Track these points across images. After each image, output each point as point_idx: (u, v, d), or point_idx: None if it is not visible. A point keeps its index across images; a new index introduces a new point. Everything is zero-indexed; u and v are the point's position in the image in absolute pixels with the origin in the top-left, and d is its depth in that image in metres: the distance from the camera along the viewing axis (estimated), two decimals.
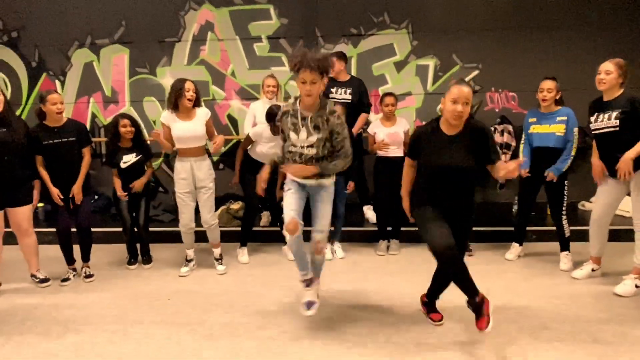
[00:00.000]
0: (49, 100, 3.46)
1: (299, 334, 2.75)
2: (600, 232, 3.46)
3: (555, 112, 3.71)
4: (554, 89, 3.67)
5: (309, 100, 2.57)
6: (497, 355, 2.46)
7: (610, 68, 3.15)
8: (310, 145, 2.66)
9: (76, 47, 5.72)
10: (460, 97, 2.40)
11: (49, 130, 3.53)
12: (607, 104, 3.20)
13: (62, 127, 3.57)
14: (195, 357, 2.51)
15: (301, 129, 2.64)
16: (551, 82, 3.69)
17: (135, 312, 3.10)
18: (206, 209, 3.78)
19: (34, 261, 3.64)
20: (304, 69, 2.47)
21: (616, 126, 3.14)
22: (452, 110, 2.43)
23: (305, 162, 2.68)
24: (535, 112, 3.81)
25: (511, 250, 4.03)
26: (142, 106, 5.77)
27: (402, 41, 5.54)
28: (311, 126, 2.62)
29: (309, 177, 2.72)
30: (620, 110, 3.12)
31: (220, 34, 5.64)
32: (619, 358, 2.41)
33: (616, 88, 3.18)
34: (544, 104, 3.71)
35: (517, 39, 5.43)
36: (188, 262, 3.90)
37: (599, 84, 3.21)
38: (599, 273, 3.54)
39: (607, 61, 3.19)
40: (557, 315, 2.90)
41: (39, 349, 2.63)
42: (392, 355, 2.49)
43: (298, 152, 2.69)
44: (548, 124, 3.70)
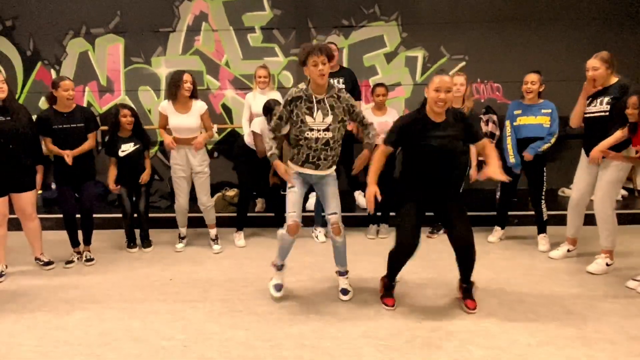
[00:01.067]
0: (61, 87, 3.59)
1: (296, 309, 2.94)
2: (576, 214, 3.70)
3: (539, 104, 3.92)
4: (538, 81, 3.87)
5: (322, 80, 2.73)
6: (477, 326, 2.68)
7: (596, 64, 3.35)
8: (326, 128, 2.80)
9: (71, 37, 5.78)
10: (442, 85, 2.61)
11: (59, 115, 3.66)
12: (602, 91, 3.40)
13: (72, 112, 3.71)
14: (199, 330, 2.69)
15: (316, 112, 2.79)
16: (535, 75, 3.89)
17: (139, 291, 3.26)
18: (203, 191, 4.04)
19: (37, 245, 3.78)
20: (314, 54, 2.67)
21: (606, 111, 3.34)
22: (435, 97, 2.64)
23: (322, 146, 2.82)
24: (520, 104, 4.00)
25: (493, 233, 4.27)
26: (137, 95, 5.87)
27: (392, 33, 5.71)
28: (328, 106, 2.80)
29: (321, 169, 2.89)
30: (611, 97, 3.33)
31: (215, 24, 5.74)
32: (588, 327, 2.64)
33: (608, 77, 3.37)
34: (528, 95, 3.91)
35: (502, 32, 5.63)
36: (182, 239, 4.22)
37: (590, 82, 3.39)
38: (574, 253, 3.79)
39: (592, 58, 3.38)
40: (534, 291, 3.14)
41: (50, 325, 2.79)
42: (380, 325, 2.69)
43: (314, 138, 2.80)
44: (534, 116, 3.91)
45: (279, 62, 5.72)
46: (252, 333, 2.64)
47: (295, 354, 2.42)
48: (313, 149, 2.84)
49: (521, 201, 5.01)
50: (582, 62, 3.49)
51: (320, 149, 2.84)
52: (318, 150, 2.84)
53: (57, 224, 4.58)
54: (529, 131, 3.91)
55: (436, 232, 4.40)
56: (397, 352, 2.42)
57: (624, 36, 5.53)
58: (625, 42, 5.52)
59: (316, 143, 2.82)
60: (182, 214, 4.13)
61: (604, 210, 3.38)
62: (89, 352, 2.48)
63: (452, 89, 2.67)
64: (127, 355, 2.44)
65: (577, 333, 2.58)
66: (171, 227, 4.74)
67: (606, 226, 3.40)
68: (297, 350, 2.46)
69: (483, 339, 2.53)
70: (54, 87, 3.63)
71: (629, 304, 2.91)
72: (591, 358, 2.34)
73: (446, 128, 2.71)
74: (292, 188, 2.93)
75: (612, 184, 3.35)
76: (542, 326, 2.66)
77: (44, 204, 5.33)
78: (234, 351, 2.46)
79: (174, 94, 3.79)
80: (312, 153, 2.85)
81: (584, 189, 3.59)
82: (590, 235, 4.05)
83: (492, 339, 2.53)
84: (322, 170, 2.91)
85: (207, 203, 4.10)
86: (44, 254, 3.80)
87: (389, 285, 3.01)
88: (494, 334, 2.58)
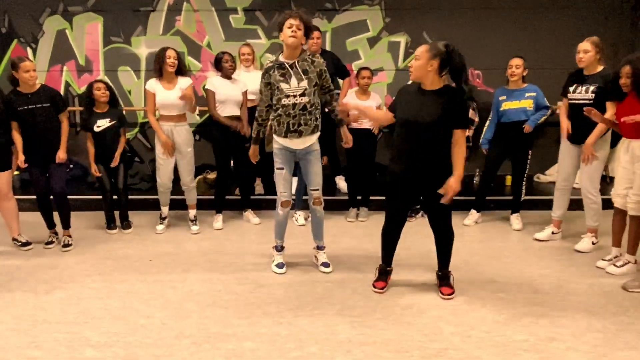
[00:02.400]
0: (21, 68, 3.48)
1: (274, 287, 3.01)
2: (563, 195, 3.84)
3: (524, 88, 4.04)
4: (522, 65, 4.00)
5: (293, 42, 2.79)
6: (448, 304, 2.78)
7: (587, 47, 3.45)
8: (302, 93, 2.88)
9: (48, 14, 5.63)
10: (416, 54, 2.64)
11: (22, 96, 3.57)
12: (587, 77, 3.50)
13: (36, 92, 3.60)
14: (178, 309, 2.73)
15: (291, 77, 2.86)
16: (519, 59, 4.01)
17: (119, 271, 3.28)
18: (186, 171, 4.08)
19: (14, 225, 3.74)
20: (292, 16, 2.77)
21: (591, 99, 3.45)
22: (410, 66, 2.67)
23: (300, 111, 2.89)
24: (504, 90, 4.12)
25: (469, 217, 4.39)
26: (116, 76, 5.78)
27: (375, 17, 5.71)
28: (300, 71, 2.86)
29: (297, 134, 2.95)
30: (597, 85, 3.43)
31: (196, 4, 5.66)
32: (552, 305, 2.77)
33: (595, 63, 3.48)
34: (512, 78, 4.03)
35: (483, 20, 5.68)
36: (163, 220, 4.21)
37: (579, 62, 3.50)
38: (558, 236, 3.92)
39: (584, 40, 3.48)
40: (504, 271, 3.27)
41: (28, 305, 2.80)
42: (355, 304, 2.78)
43: (291, 104, 2.89)
44: (518, 100, 4.02)
45: (261, 44, 5.68)
46: (231, 311, 2.70)
47: (272, 331, 2.49)
48: (292, 116, 2.89)
49: (498, 186, 5.15)
50: (563, 50, 3.58)
51: (299, 114, 2.89)
52: (297, 117, 2.89)
53: (34, 205, 4.52)
54: (513, 115, 4.03)
55: (414, 215, 4.50)
56: (370, 329, 2.50)
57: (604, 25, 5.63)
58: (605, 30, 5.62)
59: (294, 109, 2.89)
60: (165, 193, 4.15)
61: (590, 191, 3.55)
62: (67, 330, 2.51)
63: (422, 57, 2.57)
64: (106, 333, 2.48)
65: (542, 311, 2.70)
66: (151, 209, 4.74)
67: (592, 206, 3.57)
68: (273, 327, 2.53)
69: (453, 316, 2.64)
70: (13, 68, 3.50)
71: (593, 284, 3.05)
72: (554, 333, 2.46)
73: (433, 98, 2.59)
74: (281, 170, 3.08)
75: (595, 165, 3.50)
76: (509, 304, 2.78)
77: (22, 185, 5.26)
78: (212, 328, 2.52)
79: (159, 70, 3.85)
80: (292, 120, 2.90)
81: (569, 170, 3.74)
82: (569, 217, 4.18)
83: (461, 316, 2.64)
84: (305, 136, 2.96)
85: (190, 183, 4.15)
86: (22, 235, 3.77)
87: (383, 271, 3.01)
88: (463, 312, 2.69)
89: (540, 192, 5.15)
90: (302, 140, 2.98)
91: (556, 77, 3.76)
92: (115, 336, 2.45)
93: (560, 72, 3.66)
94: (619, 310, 2.70)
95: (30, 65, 3.53)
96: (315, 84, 2.92)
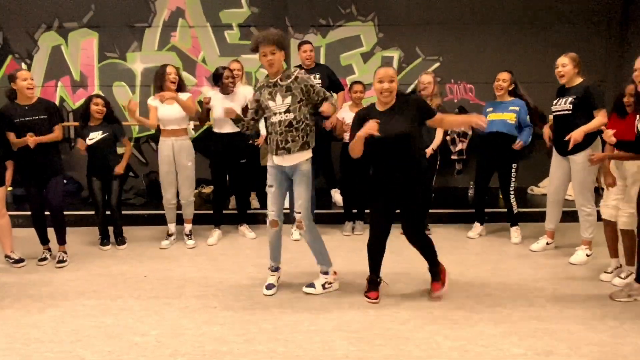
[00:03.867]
0: (19, 77, 3.52)
1: (270, 304, 2.98)
2: (555, 207, 3.88)
3: (509, 101, 4.11)
4: (508, 80, 4.08)
5: (272, 69, 2.90)
6: (445, 318, 2.77)
7: (565, 61, 3.57)
8: (287, 110, 2.93)
9: (43, 30, 5.66)
10: (385, 76, 2.77)
11: (19, 108, 3.58)
12: (568, 90, 3.62)
13: (33, 105, 3.62)
14: (173, 326, 2.70)
15: (276, 95, 2.94)
16: (506, 74, 4.10)
17: (112, 288, 3.25)
18: (185, 185, 4.10)
19: (7, 242, 3.70)
20: (262, 44, 2.82)
21: (569, 109, 3.54)
22: (379, 88, 2.79)
23: (286, 128, 2.93)
24: (493, 103, 4.23)
25: (473, 229, 4.40)
26: (111, 91, 5.79)
27: (369, 33, 5.79)
28: (284, 89, 2.93)
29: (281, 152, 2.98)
30: (575, 97, 3.52)
31: (191, 20, 5.71)
32: (550, 318, 2.77)
33: (574, 77, 3.59)
34: (498, 92, 4.13)
35: (475, 35, 5.78)
36: (169, 237, 4.17)
37: (559, 77, 3.63)
38: (552, 246, 3.97)
39: (562, 56, 3.61)
40: (501, 284, 3.27)
41: (21, 322, 2.75)
42: (353, 318, 2.76)
43: (277, 121, 2.95)
44: (501, 112, 4.09)
45: (256, 59, 5.69)
46: (226, 328, 2.67)
47: (268, 348, 2.46)
48: (279, 133, 2.95)
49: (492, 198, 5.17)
50: (552, 64, 3.67)
51: (285, 131, 2.93)
52: (284, 134, 2.93)
53: (28, 221, 4.46)
54: (495, 125, 4.08)
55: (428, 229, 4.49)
56: (367, 345, 2.49)
57: (591, 40, 5.74)
58: (592, 45, 5.74)
59: (280, 126, 2.94)
60: (170, 209, 4.14)
61: (584, 204, 3.59)
62: (60, 349, 2.47)
63: (395, 78, 2.79)
64: (99, 351, 2.44)
65: (538, 324, 2.70)
66: (146, 224, 4.73)
67: (588, 218, 3.62)
68: (270, 344, 2.50)
69: (450, 330, 2.63)
70: (11, 80, 3.54)
71: (589, 297, 3.06)
72: (551, 347, 2.45)
73: (393, 115, 2.81)
74: (271, 187, 3.08)
75: (585, 176, 3.55)
76: (506, 318, 2.77)
77: (15, 201, 5.21)
78: (207, 346, 2.49)
79: (160, 87, 3.89)
80: (279, 137, 2.95)
81: (558, 182, 3.79)
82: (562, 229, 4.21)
83: (459, 330, 2.63)
84: (294, 153, 2.96)
85: (189, 197, 4.16)
86: (15, 252, 3.73)
87: (372, 281, 3.06)
88: (461, 326, 2.68)
89: (535, 204, 5.18)
90: (292, 157, 2.98)
91: (546, 91, 3.83)
92: (109, 355, 2.41)
93: (551, 87, 3.74)
94: (616, 322, 2.71)
95: (27, 73, 3.57)
96: (300, 100, 2.93)
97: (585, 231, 3.65)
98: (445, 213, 4.86)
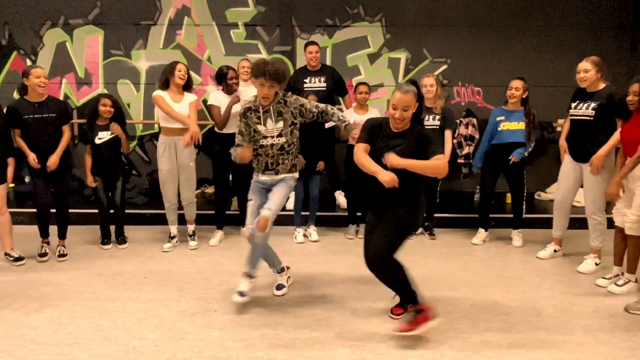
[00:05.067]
0: (32, 74, 3.50)
1: (271, 308, 2.93)
2: (561, 215, 3.79)
3: (522, 110, 4.00)
4: (521, 88, 3.97)
5: (265, 102, 2.93)
6: (450, 327, 2.71)
7: (588, 67, 3.45)
8: (279, 134, 2.95)
9: (49, 27, 5.63)
10: (399, 103, 2.51)
11: (29, 104, 3.56)
12: (590, 95, 3.48)
13: (43, 102, 3.61)
14: (171, 330, 2.65)
15: (267, 120, 2.93)
16: (519, 81, 3.99)
17: (112, 289, 3.20)
18: (187, 186, 4.05)
19: (7, 240, 3.67)
20: (263, 77, 2.78)
21: (591, 116, 3.43)
22: (392, 114, 2.57)
23: (278, 151, 2.97)
24: (503, 110, 4.10)
25: (477, 235, 4.33)
26: (116, 89, 5.75)
27: (376, 34, 5.72)
28: (275, 114, 2.92)
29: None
30: (598, 103, 3.41)
31: (197, 19, 5.67)
32: (557, 329, 2.70)
33: (597, 82, 3.46)
34: (511, 100, 4.02)
35: (484, 37, 5.69)
36: (171, 239, 4.08)
37: (580, 82, 3.50)
38: (560, 254, 3.89)
39: (584, 60, 3.48)
40: (506, 293, 3.19)
41: (18, 323, 2.72)
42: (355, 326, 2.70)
43: (269, 144, 2.97)
44: (517, 121, 4.00)
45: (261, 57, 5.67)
46: (226, 333, 2.62)
47: (268, 355, 2.41)
48: (270, 156, 2.99)
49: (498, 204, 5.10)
50: (562, 68, 3.58)
51: (277, 154, 2.99)
52: (275, 156, 2.99)
53: (28, 219, 4.45)
54: (511, 136, 4.00)
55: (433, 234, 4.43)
56: (370, 353, 2.43)
57: (603, 44, 5.65)
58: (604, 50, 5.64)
59: (272, 149, 2.98)
60: (171, 210, 4.08)
61: (595, 212, 3.50)
62: (56, 352, 2.42)
63: (411, 105, 2.55)
64: (96, 355, 2.40)
65: (546, 335, 2.63)
66: (148, 224, 4.68)
67: (598, 227, 3.53)
68: (270, 350, 2.45)
69: (455, 340, 2.56)
70: (24, 75, 3.53)
71: (598, 307, 2.98)
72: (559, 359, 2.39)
73: (403, 140, 2.60)
74: (251, 201, 3.06)
75: (599, 185, 3.45)
76: (512, 328, 2.70)
77: (16, 198, 5.18)
78: (206, 351, 2.44)
79: (166, 82, 3.84)
80: (270, 160, 2.99)
81: (567, 189, 3.70)
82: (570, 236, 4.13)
83: (464, 340, 2.56)
84: (282, 174, 3.03)
85: (191, 199, 4.11)
86: (14, 249, 3.70)
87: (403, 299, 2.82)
88: (466, 336, 2.61)
89: (542, 210, 5.10)
90: (278, 177, 3.03)
91: (555, 94, 3.75)
92: (106, 358, 2.37)
93: (559, 90, 3.65)
94: (627, 335, 2.63)
95: (42, 71, 3.56)
96: (292, 124, 2.97)
97: (595, 240, 3.57)
98: (450, 217, 4.79)
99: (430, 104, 4.16)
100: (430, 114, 4.17)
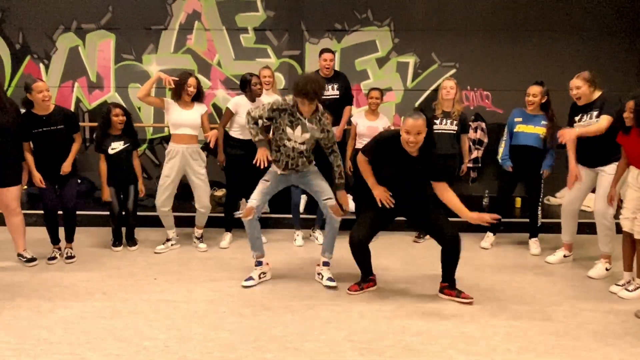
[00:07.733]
0: (34, 89, 3.47)
1: (280, 310, 2.94)
2: (570, 218, 3.78)
3: (541, 115, 4.00)
4: (539, 94, 3.95)
5: (307, 114, 3.12)
6: (459, 331, 2.70)
7: (578, 84, 3.51)
8: (303, 142, 3.17)
9: (61, 31, 5.73)
10: (413, 128, 2.78)
11: (37, 118, 3.57)
12: (589, 106, 3.53)
13: (50, 115, 3.60)
14: (182, 331, 2.68)
15: (297, 127, 3.13)
16: (538, 87, 3.97)
17: (123, 290, 3.24)
18: (204, 193, 4.08)
19: (20, 241, 3.72)
20: (307, 97, 2.97)
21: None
22: (405, 139, 2.82)
23: (298, 154, 3.20)
24: (522, 112, 4.09)
25: (485, 239, 4.31)
26: (127, 92, 5.83)
27: (384, 38, 5.74)
28: (308, 125, 3.14)
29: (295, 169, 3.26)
30: (598, 110, 3.46)
31: (207, 23, 5.73)
32: (567, 334, 2.69)
33: (590, 95, 3.51)
34: (529, 107, 4.02)
35: (492, 41, 5.69)
36: (167, 242, 4.10)
37: (575, 99, 3.57)
38: (570, 259, 3.87)
39: (574, 78, 3.55)
40: (516, 297, 3.18)
41: (31, 323, 2.76)
42: (364, 329, 2.71)
43: (291, 147, 3.19)
44: (533, 125, 3.99)
45: (271, 63, 5.71)
46: (235, 334, 2.64)
47: (278, 356, 2.42)
48: (291, 157, 3.22)
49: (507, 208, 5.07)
50: (572, 72, 3.59)
51: (297, 156, 3.23)
52: (295, 158, 3.23)
53: (41, 220, 4.49)
54: (525, 139, 4.00)
55: (422, 237, 4.43)
56: (379, 356, 2.43)
57: (615, 48, 5.62)
58: (615, 53, 5.62)
59: (293, 152, 3.21)
60: (166, 218, 4.03)
61: (605, 217, 3.49)
62: (69, 351, 2.46)
63: (423, 130, 2.81)
64: (108, 354, 2.43)
65: (555, 340, 2.61)
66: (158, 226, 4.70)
67: (607, 232, 3.51)
68: (280, 352, 2.46)
69: (464, 344, 2.56)
70: (27, 90, 3.50)
71: (608, 312, 2.96)
72: None
73: (413, 162, 2.90)
74: (266, 182, 3.29)
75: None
76: (522, 333, 2.70)
77: (29, 200, 5.26)
78: (216, 352, 2.46)
79: (177, 94, 3.89)
80: (290, 161, 3.23)
81: (575, 194, 3.70)
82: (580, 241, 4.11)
83: (473, 344, 2.56)
84: (301, 170, 3.30)
85: (208, 207, 4.13)
86: (27, 250, 3.75)
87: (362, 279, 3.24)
88: (475, 340, 2.61)
89: (552, 214, 5.06)
90: (299, 173, 3.31)
91: (565, 99, 3.72)
92: (117, 358, 2.39)
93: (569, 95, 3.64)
94: (637, 340, 2.61)
95: (43, 85, 3.51)
96: (316, 139, 3.21)
97: (605, 245, 3.55)
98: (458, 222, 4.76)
99: (449, 107, 4.18)
100: (447, 118, 4.18)
